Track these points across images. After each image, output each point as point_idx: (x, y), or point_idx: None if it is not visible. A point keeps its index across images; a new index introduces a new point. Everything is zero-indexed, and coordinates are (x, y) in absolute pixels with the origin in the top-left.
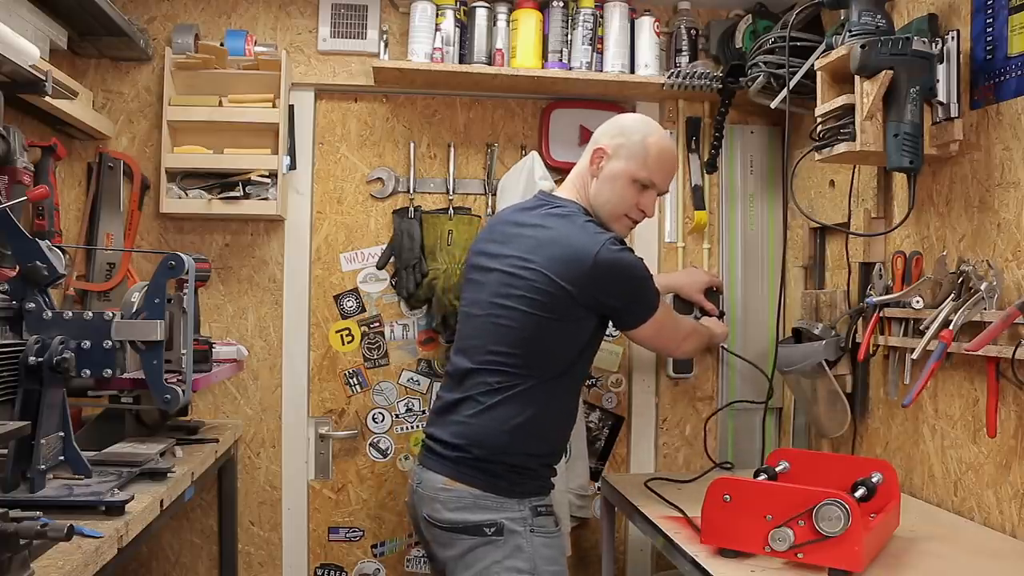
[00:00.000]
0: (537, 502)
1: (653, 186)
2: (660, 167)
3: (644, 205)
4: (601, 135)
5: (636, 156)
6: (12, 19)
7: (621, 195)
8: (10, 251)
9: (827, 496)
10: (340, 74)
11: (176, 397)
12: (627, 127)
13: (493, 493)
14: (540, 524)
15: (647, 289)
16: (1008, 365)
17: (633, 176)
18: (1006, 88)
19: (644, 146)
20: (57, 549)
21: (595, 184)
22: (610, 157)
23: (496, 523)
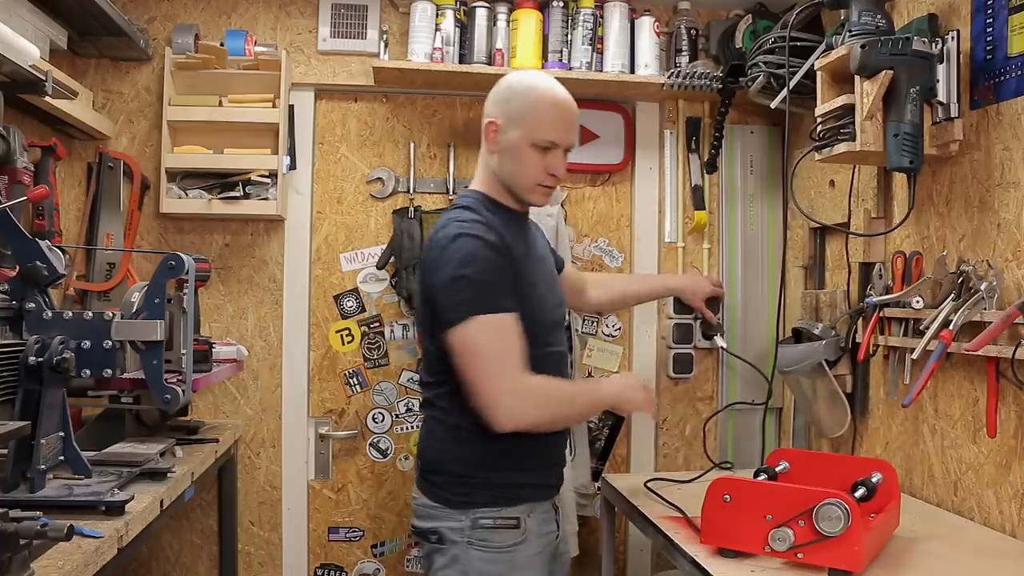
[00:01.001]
0: (483, 514)
1: (555, 145)
2: (556, 123)
3: (552, 168)
4: (490, 105)
5: (528, 119)
6: (12, 19)
7: (525, 165)
8: (10, 251)
9: (827, 496)
10: (340, 74)
11: (176, 397)
12: (512, 90)
13: (437, 503)
14: (481, 538)
15: (466, 285)
16: (1008, 365)
17: (531, 141)
18: (1006, 88)
19: (533, 106)
20: (57, 549)
21: (497, 160)
22: (503, 128)
23: (437, 531)
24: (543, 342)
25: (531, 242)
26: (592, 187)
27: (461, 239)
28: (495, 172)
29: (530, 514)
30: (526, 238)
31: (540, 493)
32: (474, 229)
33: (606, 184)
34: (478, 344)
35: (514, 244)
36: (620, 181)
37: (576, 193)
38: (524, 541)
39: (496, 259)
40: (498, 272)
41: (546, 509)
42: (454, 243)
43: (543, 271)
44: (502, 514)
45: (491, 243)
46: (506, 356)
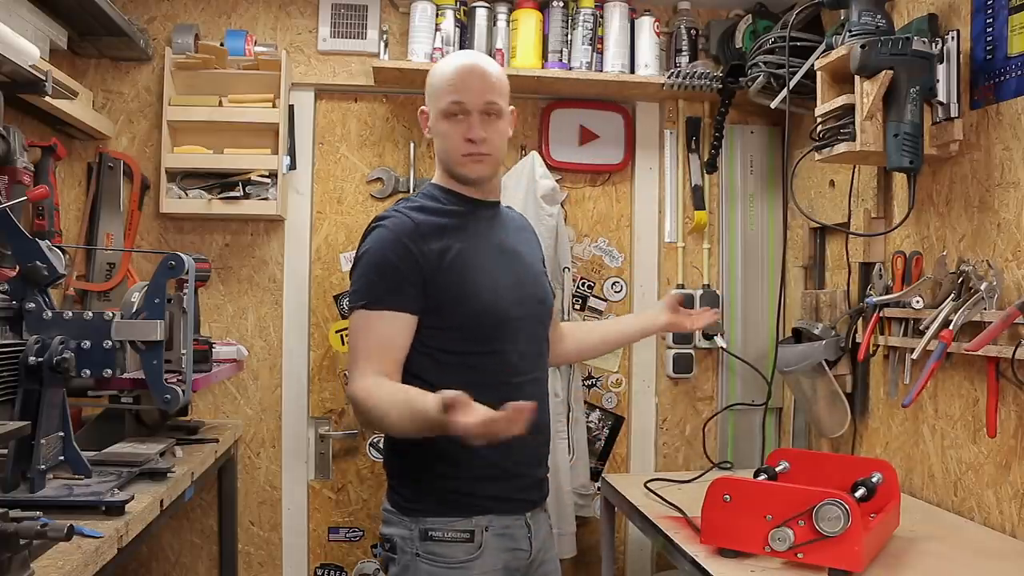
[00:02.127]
0: (432, 525)
1: (463, 108)
2: (455, 85)
3: (466, 132)
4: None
5: (434, 93)
6: (12, 19)
7: (444, 137)
8: (10, 251)
9: (827, 496)
10: (340, 74)
11: (176, 397)
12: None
13: (391, 506)
14: (430, 551)
15: (362, 271)
16: (1008, 365)
17: (440, 112)
18: (1006, 88)
19: (435, 78)
20: (57, 549)
21: (436, 145)
22: (427, 112)
23: (391, 539)
24: (484, 339)
25: (491, 232)
26: (592, 187)
27: (374, 229)
28: (438, 158)
29: (488, 527)
30: (480, 227)
31: (501, 506)
32: (389, 219)
33: (606, 184)
34: (354, 336)
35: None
36: (620, 181)
37: (576, 193)
38: (479, 557)
39: (397, 251)
40: (393, 265)
41: (511, 525)
42: (368, 233)
43: (505, 265)
44: (453, 526)
45: (398, 234)
46: (359, 353)
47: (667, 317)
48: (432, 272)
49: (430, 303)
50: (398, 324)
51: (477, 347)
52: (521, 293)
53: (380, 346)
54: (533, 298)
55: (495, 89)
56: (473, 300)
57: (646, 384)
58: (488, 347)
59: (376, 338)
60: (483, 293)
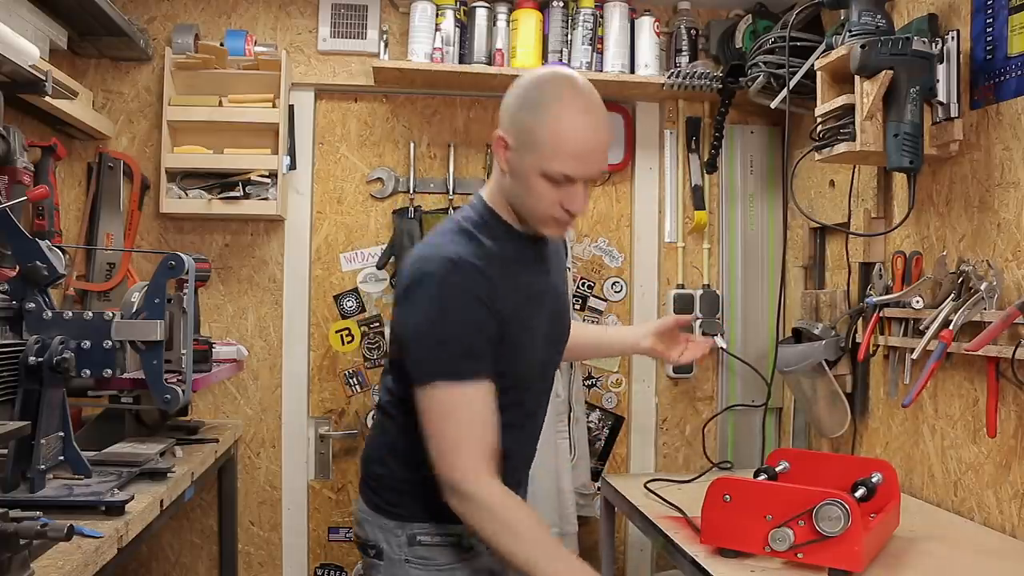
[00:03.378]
0: (421, 530)
1: (572, 180)
2: (574, 155)
3: (569, 202)
4: (502, 113)
5: (540, 145)
6: (12, 19)
7: (536, 196)
8: (10, 251)
9: (827, 496)
10: (340, 74)
11: (176, 397)
12: (525, 101)
13: (372, 510)
14: (421, 555)
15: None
16: (1008, 365)
17: (542, 171)
18: (1006, 88)
19: (548, 131)
20: (57, 549)
21: (508, 181)
22: (513, 148)
23: (376, 546)
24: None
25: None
26: (592, 187)
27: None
28: (506, 192)
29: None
30: (530, 269)
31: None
32: (457, 270)
33: (606, 184)
34: (442, 415)
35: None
36: (620, 181)
37: None
38: (469, 559)
39: (476, 312)
40: (474, 327)
41: None
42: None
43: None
44: (441, 531)
45: (475, 292)
46: (461, 439)
47: (650, 343)
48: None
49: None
50: (488, 394)
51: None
52: (553, 338)
53: (482, 425)
54: (560, 339)
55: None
56: (520, 353)
57: (646, 384)
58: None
59: (475, 416)
60: (528, 348)
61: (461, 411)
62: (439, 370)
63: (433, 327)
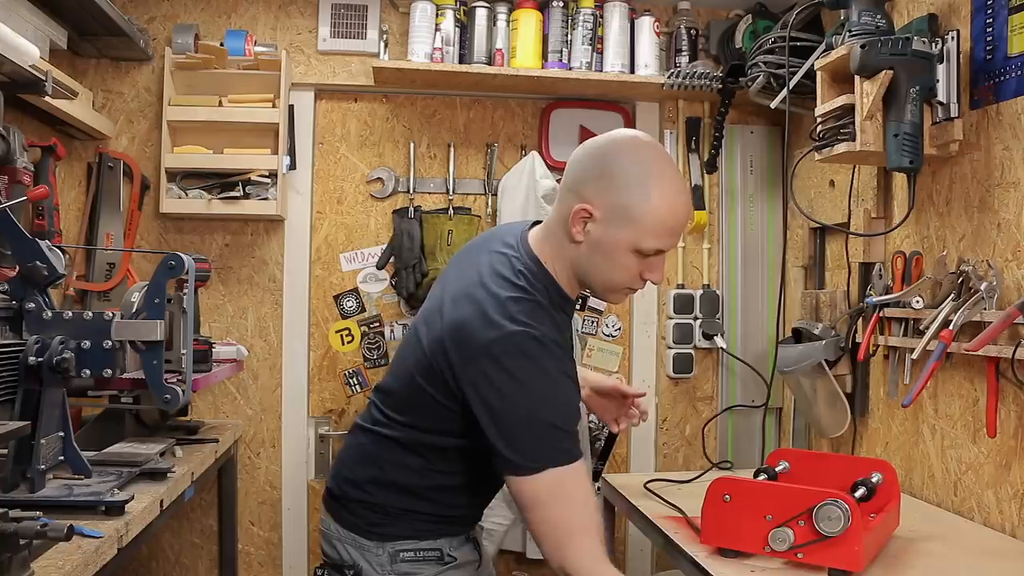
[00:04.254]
0: (403, 547)
1: (661, 252)
2: (670, 228)
3: (650, 273)
4: (583, 184)
5: (639, 222)
6: (12, 19)
7: (621, 269)
8: (10, 251)
9: (827, 496)
10: (340, 74)
11: (176, 397)
12: (618, 177)
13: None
14: (405, 572)
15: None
16: (1008, 365)
17: (635, 247)
18: (1006, 88)
19: (650, 208)
20: (57, 549)
21: (580, 250)
22: (599, 220)
23: (355, 567)
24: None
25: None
26: None
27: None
28: (571, 259)
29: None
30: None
31: (462, 528)
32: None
33: None
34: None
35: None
36: None
37: None
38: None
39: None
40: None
41: (467, 539)
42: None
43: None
44: (422, 546)
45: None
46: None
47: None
48: None
49: None
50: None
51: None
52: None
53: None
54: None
55: None
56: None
57: (646, 384)
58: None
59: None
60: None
61: (574, 496)
62: (551, 456)
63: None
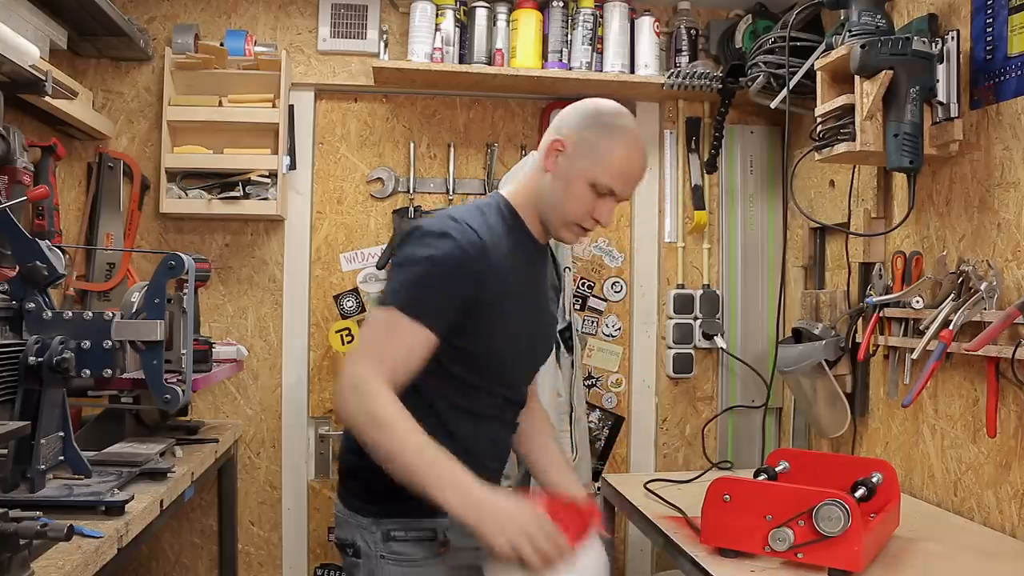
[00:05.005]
0: (395, 525)
1: (613, 194)
2: (625, 175)
3: (600, 214)
4: (563, 123)
5: (599, 158)
6: (12, 19)
7: (575, 200)
8: (10, 251)
9: (827, 496)
10: (340, 74)
11: (176, 397)
12: (593, 120)
13: (350, 510)
14: (396, 551)
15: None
16: (1008, 365)
17: (592, 180)
18: (1006, 88)
19: (610, 148)
20: (57, 549)
21: (547, 181)
22: (568, 152)
23: (354, 544)
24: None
25: (534, 277)
26: None
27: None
28: (539, 192)
29: (451, 526)
30: (528, 271)
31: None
32: (458, 232)
33: None
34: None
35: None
36: None
37: None
38: (445, 553)
39: (460, 274)
40: (450, 286)
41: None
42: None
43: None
44: (415, 525)
45: (469, 256)
46: (383, 353)
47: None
48: (479, 305)
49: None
50: (426, 344)
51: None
52: (535, 346)
53: (405, 357)
54: (543, 353)
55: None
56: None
57: (646, 384)
58: (490, 386)
59: (404, 348)
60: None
61: (399, 339)
62: (402, 300)
63: (417, 266)
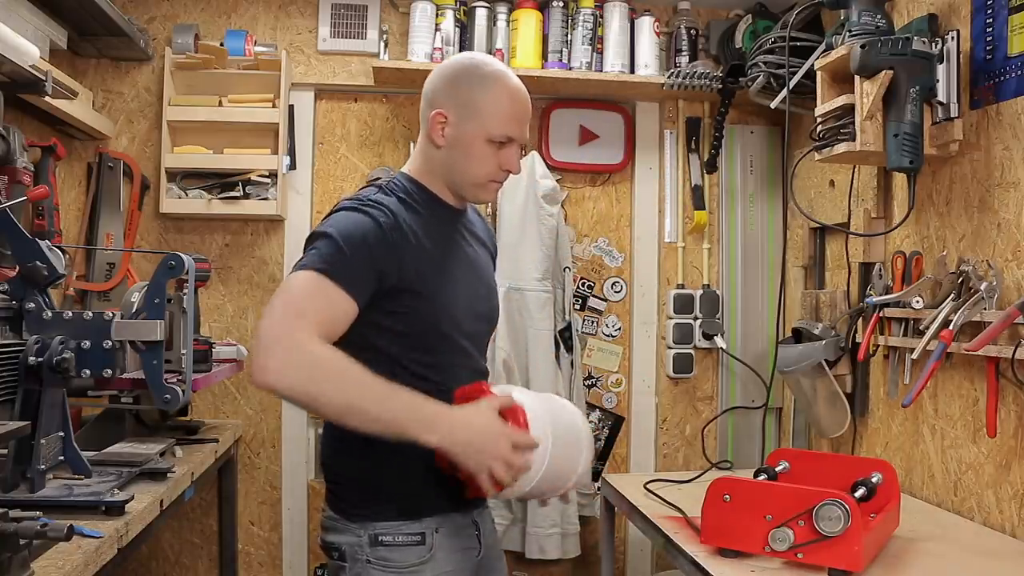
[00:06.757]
0: (383, 529)
1: (512, 141)
2: (514, 117)
3: (508, 163)
4: (435, 93)
5: (484, 113)
6: (12, 19)
7: (479, 160)
8: (10, 251)
9: (827, 496)
10: (340, 74)
11: (176, 397)
12: (463, 78)
13: (336, 514)
14: (381, 556)
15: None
16: (1008, 365)
17: (488, 137)
18: (1006, 88)
19: (491, 98)
20: (57, 549)
21: (443, 154)
22: (453, 121)
23: (339, 548)
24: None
25: (459, 242)
26: (592, 187)
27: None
28: (438, 165)
29: (438, 529)
30: (450, 236)
31: (450, 506)
32: (368, 208)
33: (606, 184)
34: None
35: (420, 235)
36: (620, 181)
37: (576, 193)
38: (431, 559)
39: (376, 241)
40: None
41: (461, 523)
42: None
43: (466, 277)
44: (403, 529)
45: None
46: (308, 312)
47: None
48: (400, 275)
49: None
50: (347, 310)
51: (422, 356)
52: (475, 311)
53: (330, 317)
54: (485, 317)
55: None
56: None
57: (646, 384)
58: (433, 359)
59: (328, 309)
60: (436, 304)
61: (323, 297)
62: (320, 261)
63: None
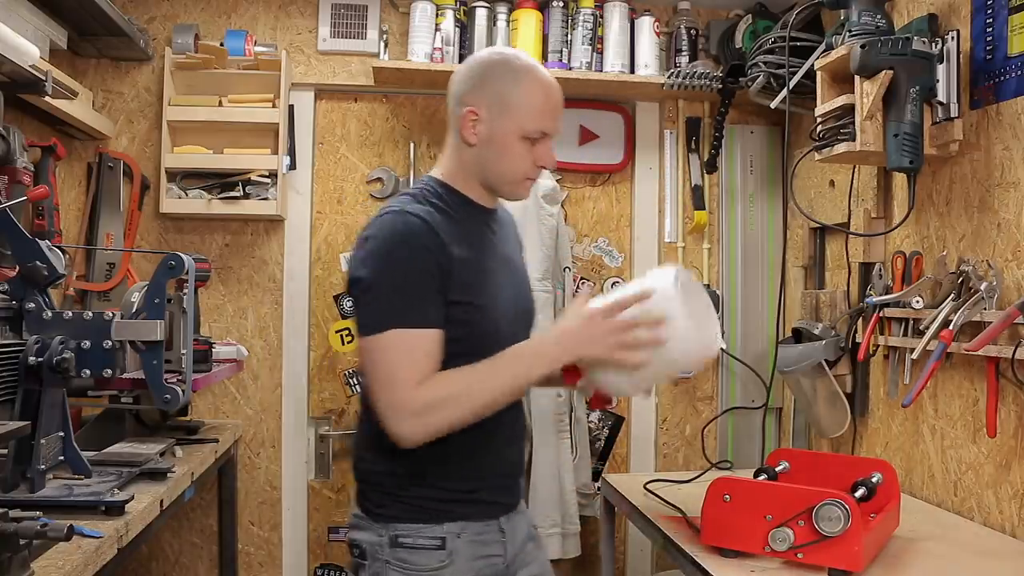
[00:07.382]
0: (402, 531)
1: (546, 135)
2: (548, 111)
3: (543, 159)
4: (464, 90)
5: (518, 108)
6: (12, 19)
7: (515, 158)
8: (10, 251)
9: (827, 496)
10: (340, 74)
11: (176, 397)
12: (492, 72)
13: (361, 511)
14: (400, 558)
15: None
16: (1008, 365)
17: (522, 133)
18: (1006, 88)
19: (524, 92)
20: (57, 549)
21: (476, 152)
22: (484, 119)
23: (360, 545)
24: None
25: (494, 242)
26: (592, 187)
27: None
28: (470, 164)
29: (460, 534)
30: (485, 236)
31: (475, 511)
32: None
33: (606, 184)
34: (376, 358)
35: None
36: (620, 181)
37: (576, 193)
38: (449, 564)
39: (421, 261)
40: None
41: (484, 531)
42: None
43: (506, 279)
44: (423, 533)
45: (423, 241)
46: (400, 371)
47: None
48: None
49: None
50: (432, 339)
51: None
52: (516, 308)
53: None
54: (525, 313)
55: None
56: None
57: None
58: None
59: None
60: (486, 310)
61: (401, 354)
62: (386, 321)
63: (381, 276)
